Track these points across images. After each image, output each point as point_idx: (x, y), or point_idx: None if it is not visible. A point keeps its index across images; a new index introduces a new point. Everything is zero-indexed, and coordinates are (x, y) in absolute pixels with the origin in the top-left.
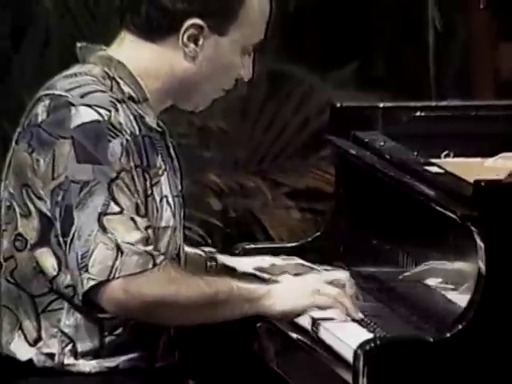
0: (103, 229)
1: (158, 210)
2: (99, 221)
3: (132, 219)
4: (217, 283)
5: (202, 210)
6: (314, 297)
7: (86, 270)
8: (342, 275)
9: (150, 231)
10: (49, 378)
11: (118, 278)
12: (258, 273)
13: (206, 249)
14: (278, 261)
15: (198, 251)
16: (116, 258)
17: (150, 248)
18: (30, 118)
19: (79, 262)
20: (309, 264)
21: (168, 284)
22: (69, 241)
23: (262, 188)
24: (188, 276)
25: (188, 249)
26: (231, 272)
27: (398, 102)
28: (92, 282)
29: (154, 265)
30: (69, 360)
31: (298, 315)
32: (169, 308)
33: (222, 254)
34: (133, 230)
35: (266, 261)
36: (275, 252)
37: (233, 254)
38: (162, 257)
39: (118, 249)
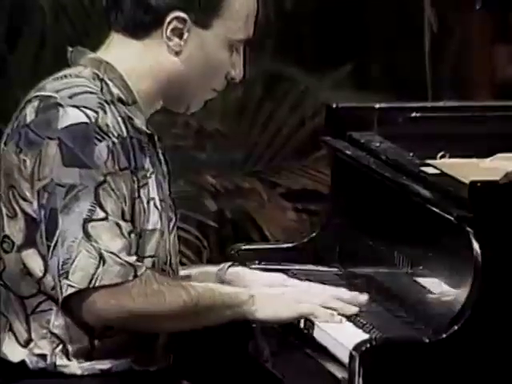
0: (87, 236)
1: (145, 212)
2: (84, 227)
3: (117, 224)
4: (198, 291)
5: (198, 211)
6: (297, 306)
7: (67, 277)
8: (330, 289)
9: (133, 236)
10: (42, 380)
11: (98, 287)
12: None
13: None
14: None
15: (211, 270)
16: (98, 267)
17: (132, 259)
18: (19, 119)
19: (60, 267)
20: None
21: (149, 296)
22: (52, 245)
23: (257, 189)
24: (170, 287)
25: (204, 268)
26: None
27: (394, 103)
28: (71, 290)
29: (135, 276)
30: (61, 361)
31: (283, 322)
32: (148, 319)
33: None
34: (117, 236)
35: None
36: (271, 253)
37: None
38: (143, 268)
39: (101, 257)
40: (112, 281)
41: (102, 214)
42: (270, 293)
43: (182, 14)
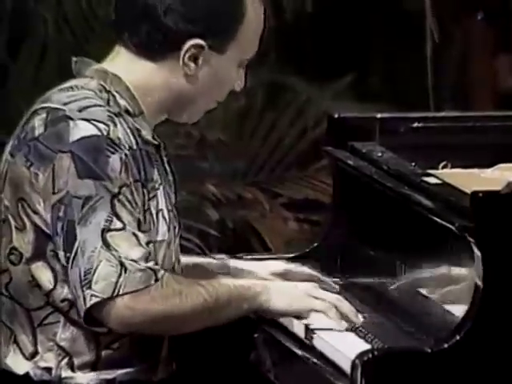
0: (107, 245)
1: (154, 224)
2: (102, 237)
3: (134, 235)
4: (216, 287)
5: (199, 221)
6: (310, 300)
7: (89, 287)
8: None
9: (151, 246)
10: None
11: (122, 295)
12: (273, 278)
13: (217, 256)
14: (292, 266)
15: (209, 260)
16: (120, 275)
17: (151, 264)
18: (26, 130)
19: (82, 278)
20: (319, 275)
21: (172, 298)
22: (72, 256)
23: (259, 199)
24: (189, 286)
25: (198, 259)
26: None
27: (396, 113)
28: (95, 299)
29: (156, 280)
30: (66, 373)
31: (295, 315)
32: (174, 320)
33: (233, 259)
34: (135, 245)
35: (279, 265)
36: None
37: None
38: (162, 271)
39: (122, 266)
40: (135, 287)
41: (119, 225)
42: (283, 284)
43: (201, 42)
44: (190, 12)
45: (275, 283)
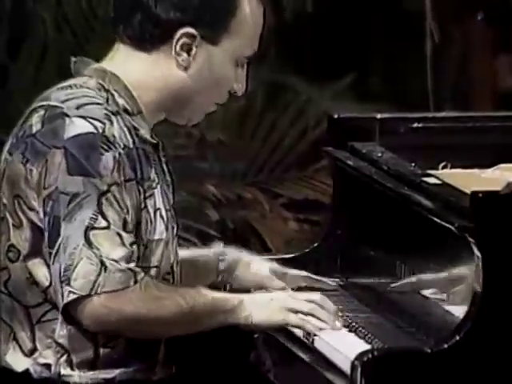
0: (89, 243)
1: (151, 223)
2: (85, 235)
3: (118, 234)
4: (193, 297)
5: (199, 221)
6: (286, 314)
7: (68, 283)
8: (316, 296)
9: (134, 247)
10: None
11: (99, 294)
12: (273, 276)
13: (216, 248)
14: (289, 271)
15: (207, 253)
16: (99, 274)
17: (132, 265)
18: (24, 128)
19: (62, 274)
20: (317, 277)
21: (148, 302)
22: (54, 252)
23: (259, 199)
24: (168, 293)
25: (197, 251)
26: (246, 268)
27: (396, 113)
28: (72, 296)
29: (135, 282)
30: (65, 370)
31: (271, 329)
32: (147, 324)
33: (232, 248)
34: (118, 246)
35: (277, 267)
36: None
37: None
38: (142, 274)
39: (102, 264)
40: (114, 287)
41: (103, 223)
42: (259, 299)
43: (192, 30)
44: (180, 1)
45: (250, 296)
